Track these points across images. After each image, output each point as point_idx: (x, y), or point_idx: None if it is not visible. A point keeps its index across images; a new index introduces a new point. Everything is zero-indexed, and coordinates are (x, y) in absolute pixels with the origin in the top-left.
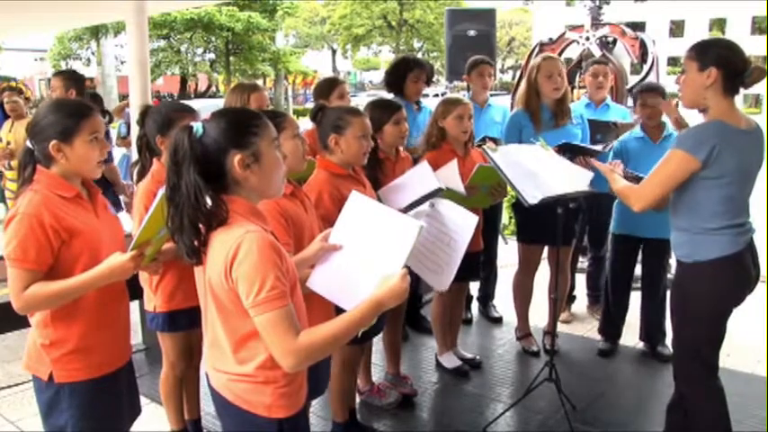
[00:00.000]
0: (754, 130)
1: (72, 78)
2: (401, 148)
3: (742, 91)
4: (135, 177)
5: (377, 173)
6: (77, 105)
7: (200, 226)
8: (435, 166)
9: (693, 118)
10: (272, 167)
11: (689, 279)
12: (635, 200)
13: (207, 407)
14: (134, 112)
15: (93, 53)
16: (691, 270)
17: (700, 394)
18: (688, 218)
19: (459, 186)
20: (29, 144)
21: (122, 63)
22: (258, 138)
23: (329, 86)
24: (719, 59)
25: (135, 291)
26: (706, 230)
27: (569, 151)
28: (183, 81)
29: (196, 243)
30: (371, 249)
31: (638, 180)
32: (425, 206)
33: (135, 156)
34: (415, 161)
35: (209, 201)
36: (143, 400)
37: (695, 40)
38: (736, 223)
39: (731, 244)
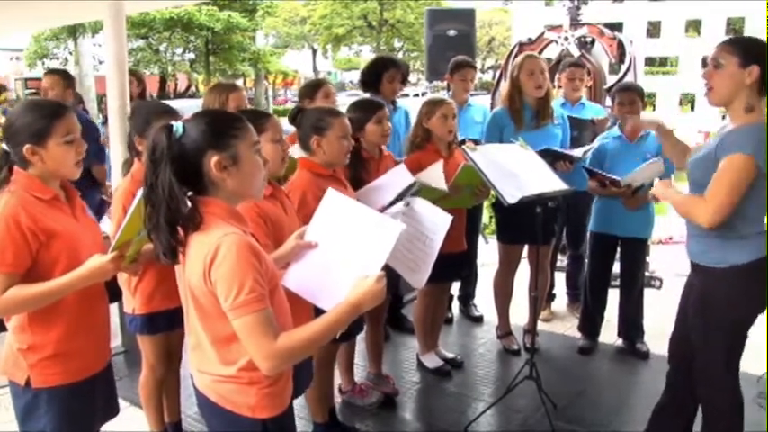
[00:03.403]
0: None
1: (68, 77)
2: (384, 148)
3: None
4: (123, 175)
5: (360, 173)
6: (50, 106)
7: (177, 226)
8: (419, 166)
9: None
10: (250, 171)
11: (723, 285)
12: (705, 216)
13: (187, 409)
14: (111, 113)
15: (70, 53)
16: (725, 275)
17: (725, 397)
18: (726, 225)
19: (442, 185)
20: (4, 146)
21: (100, 63)
22: (238, 140)
23: (314, 87)
24: (762, 57)
25: (116, 293)
26: (740, 236)
27: (549, 156)
28: (163, 81)
29: (173, 243)
30: (349, 248)
31: (613, 183)
32: (401, 205)
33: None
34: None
35: (183, 201)
36: (122, 404)
37: (671, 41)
38: (764, 230)
39: (761, 247)
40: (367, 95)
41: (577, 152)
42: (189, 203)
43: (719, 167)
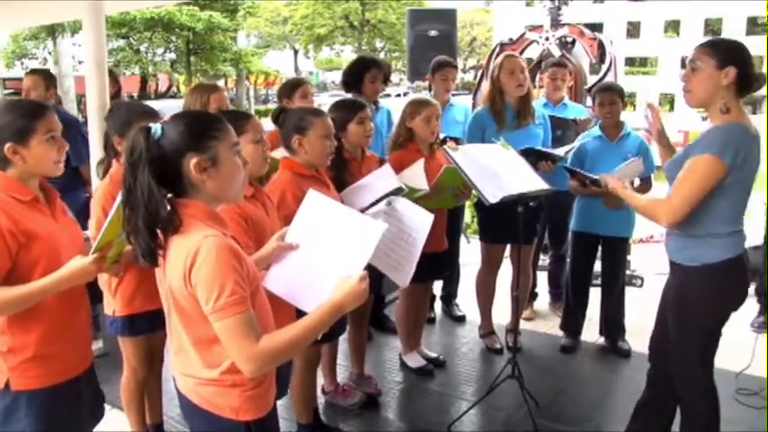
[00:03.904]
0: (758, 136)
1: (50, 78)
2: (366, 148)
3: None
4: (100, 176)
5: (343, 173)
6: (31, 105)
7: (156, 229)
8: (401, 165)
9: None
10: (230, 173)
11: (696, 283)
12: (664, 214)
13: (169, 411)
14: (91, 113)
15: (49, 52)
16: (698, 273)
17: (702, 396)
18: (696, 224)
19: (423, 185)
20: None
21: (80, 63)
22: (217, 142)
23: (292, 87)
24: (738, 59)
25: (96, 295)
26: (713, 235)
27: (532, 155)
28: (144, 81)
29: (152, 246)
30: (331, 249)
31: (594, 183)
32: (383, 205)
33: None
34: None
35: (162, 204)
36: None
37: (651, 41)
38: (739, 229)
39: (736, 246)
40: (349, 96)
41: (559, 151)
42: (168, 206)
43: (684, 167)
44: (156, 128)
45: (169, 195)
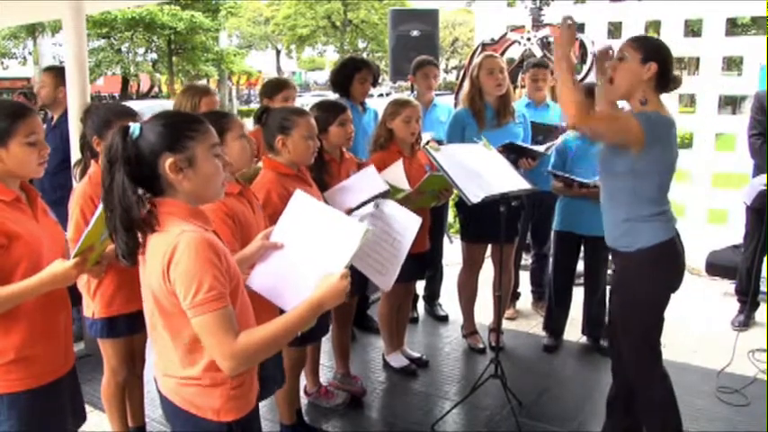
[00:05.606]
0: (675, 124)
1: (62, 75)
2: (345, 150)
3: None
4: (78, 177)
5: (322, 174)
6: (12, 106)
7: (134, 229)
8: (382, 166)
9: None
10: (207, 173)
11: (632, 267)
12: (577, 115)
13: (151, 412)
14: (72, 114)
15: (29, 52)
16: (634, 258)
17: (652, 382)
18: (627, 207)
19: (403, 185)
20: None
21: (61, 62)
22: (194, 142)
23: (275, 87)
24: (661, 56)
25: (76, 296)
26: (643, 218)
27: (513, 152)
28: (125, 81)
29: (130, 245)
30: (314, 249)
31: (581, 185)
32: (370, 206)
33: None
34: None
35: (136, 204)
36: (86, 408)
37: None
38: (665, 209)
39: (666, 230)
40: (336, 96)
41: (540, 148)
42: (145, 205)
43: (623, 110)
44: (134, 127)
45: (148, 195)
